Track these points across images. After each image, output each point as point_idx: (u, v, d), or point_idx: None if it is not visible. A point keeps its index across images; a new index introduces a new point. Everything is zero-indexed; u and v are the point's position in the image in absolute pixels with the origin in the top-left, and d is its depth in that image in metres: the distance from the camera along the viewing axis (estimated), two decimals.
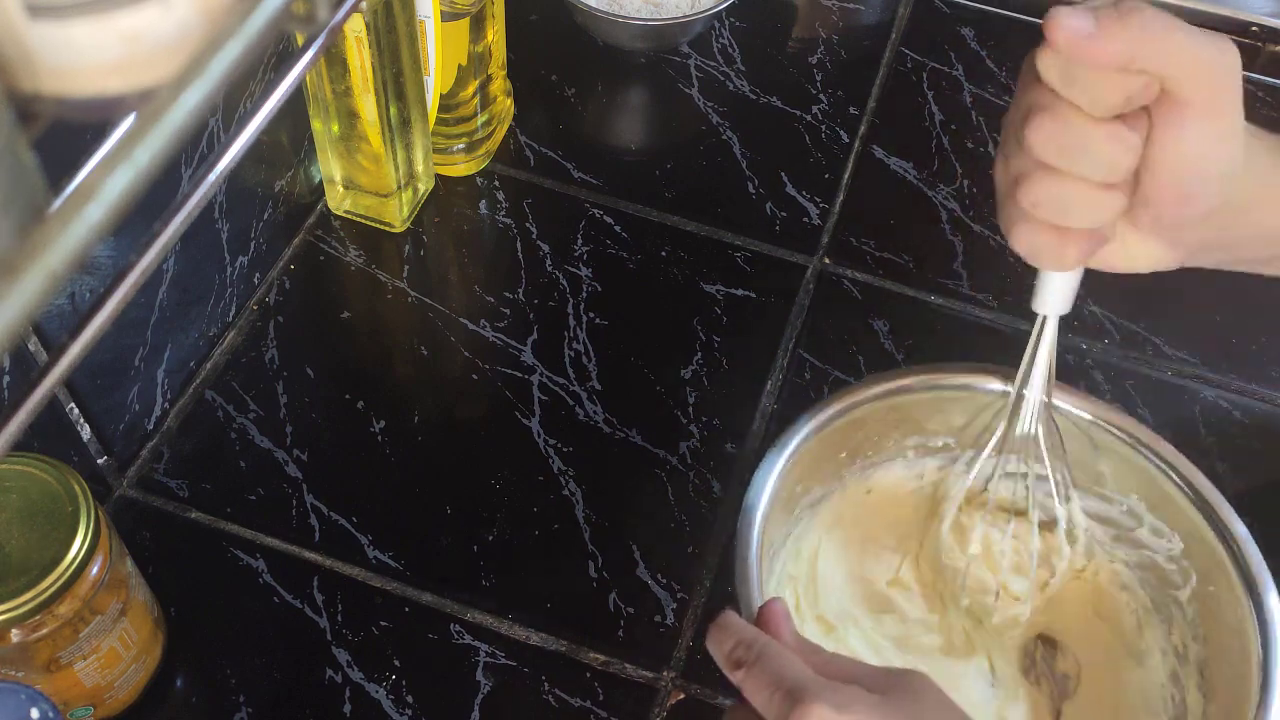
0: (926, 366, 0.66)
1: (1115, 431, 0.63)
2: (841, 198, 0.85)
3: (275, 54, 0.71)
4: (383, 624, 0.66)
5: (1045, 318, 0.54)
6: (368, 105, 0.74)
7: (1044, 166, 0.44)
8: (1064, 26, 0.42)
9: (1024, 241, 0.47)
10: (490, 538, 0.69)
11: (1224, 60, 0.43)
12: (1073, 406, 0.63)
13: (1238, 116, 0.44)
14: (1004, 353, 0.78)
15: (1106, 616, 0.65)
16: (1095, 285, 0.53)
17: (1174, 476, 0.61)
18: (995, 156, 0.48)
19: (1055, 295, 0.51)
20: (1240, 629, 0.58)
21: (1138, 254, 0.48)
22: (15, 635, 0.53)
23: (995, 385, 0.63)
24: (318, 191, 0.82)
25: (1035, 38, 0.44)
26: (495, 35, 0.80)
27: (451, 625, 0.66)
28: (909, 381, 0.64)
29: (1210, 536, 0.60)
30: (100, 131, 0.25)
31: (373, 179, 0.79)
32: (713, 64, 0.92)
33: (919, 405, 0.65)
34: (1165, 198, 0.44)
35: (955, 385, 0.64)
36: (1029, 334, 0.58)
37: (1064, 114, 0.43)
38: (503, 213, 0.84)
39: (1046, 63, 0.43)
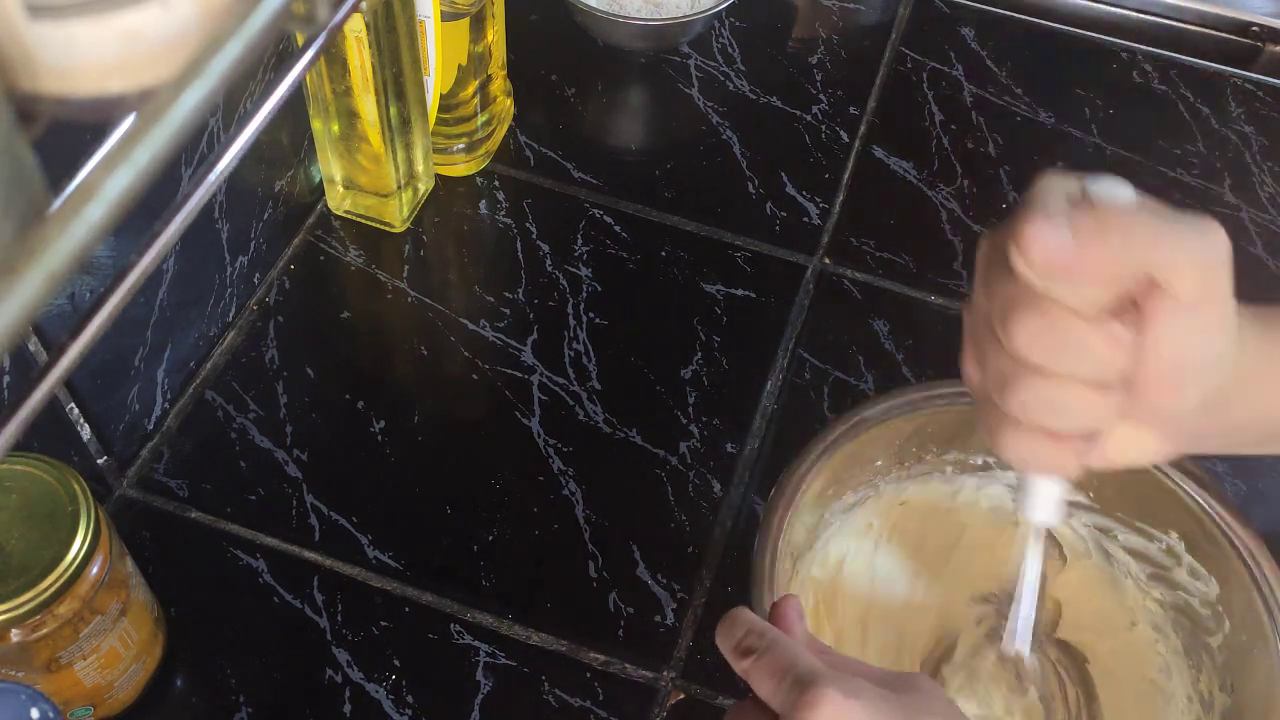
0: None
1: (1160, 467, 0.62)
2: (841, 198, 0.85)
3: (275, 54, 0.71)
4: (383, 624, 0.66)
5: (1035, 527, 0.50)
6: (368, 105, 0.74)
7: (1031, 367, 0.41)
8: (1040, 247, 0.38)
9: (1015, 448, 0.43)
10: (490, 538, 0.69)
11: (1212, 248, 0.40)
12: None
13: (1229, 302, 0.41)
14: None
15: (1135, 657, 0.64)
16: None
17: (1218, 520, 0.60)
18: (963, 351, 0.45)
19: (1049, 501, 0.47)
20: (1270, 684, 0.57)
21: (1131, 447, 0.45)
22: (15, 635, 0.53)
23: None
24: (318, 191, 0.82)
25: (1034, 38, 0.43)
26: (495, 35, 0.80)
27: (451, 625, 0.66)
28: (946, 392, 0.63)
29: (1248, 585, 0.59)
30: (100, 131, 0.25)
31: (373, 179, 0.79)
32: (713, 64, 0.92)
33: (960, 418, 0.64)
34: (1159, 391, 0.41)
35: None
36: None
37: (1051, 312, 0.40)
38: (503, 213, 0.84)
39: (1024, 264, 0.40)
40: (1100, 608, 0.64)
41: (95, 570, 0.54)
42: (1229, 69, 0.93)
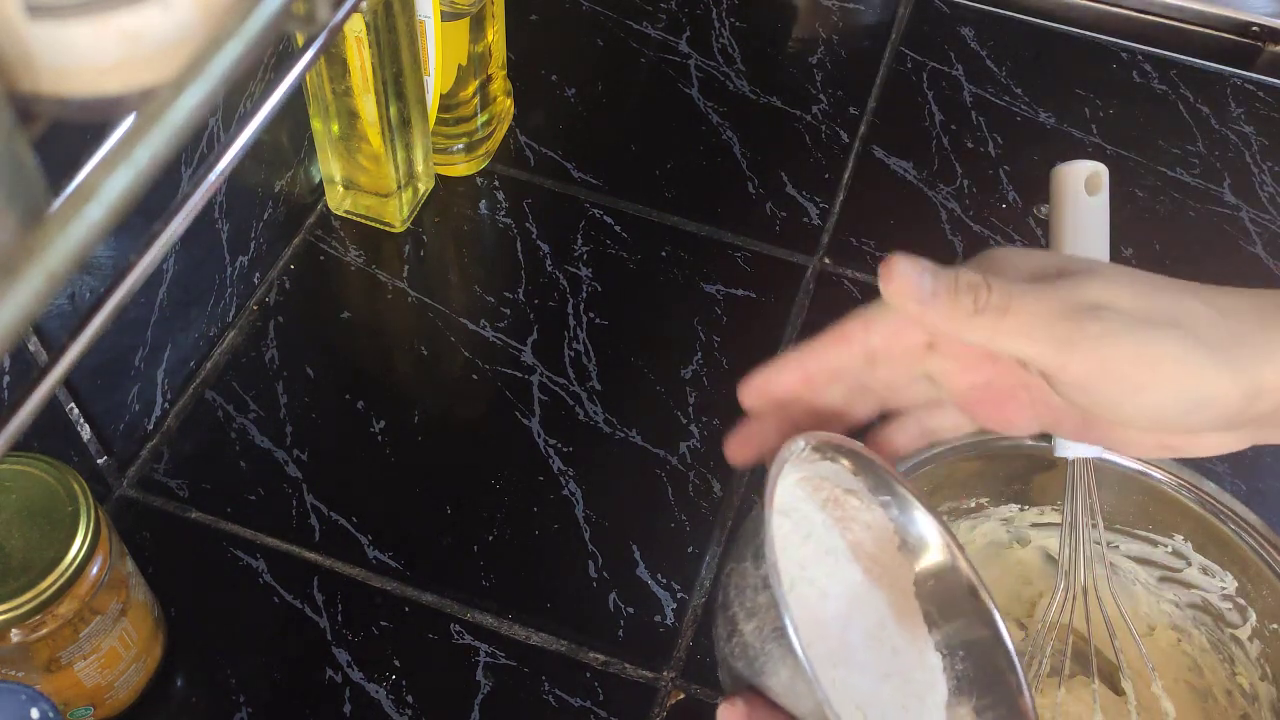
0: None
1: (1158, 474, 0.61)
2: (841, 198, 0.85)
3: (275, 54, 0.71)
4: (383, 624, 0.66)
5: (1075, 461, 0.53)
6: (368, 105, 0.74)
7: None
8: (899, 280, 0.39)
9: None
10: (490, 538, 0.69)
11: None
12: (1114, 454, 0.61)
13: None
14: None
15: (1161, 661, 0.63)
16: None
17: (1225, 516, 0.59)
18: None
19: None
20: None
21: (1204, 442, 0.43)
22: (15, 635, 0.53)
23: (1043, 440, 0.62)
24: (318, 191, 0.82)
25: (1034, 38, 0.43)
26: (495, 35, 0.80)
27: (451, 625, 0.66)
28: (953, 445, 0.62)
29: (1270, 575, 0.58)
30: (100, 131, 0.25)
31: (373, 179, 0.79)
32: (713, 64, 0.92)
33: (953, 469, 0.63)
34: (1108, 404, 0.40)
35: (997, 444, 0.63)
36: None
37: None
38: (503, 213, 0.84)
39: None
40: (1114, 618, 0.64)
41: (95, 570, 0.54)
42: (1229, 69, 0.93)
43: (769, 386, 0.44)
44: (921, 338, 0.43)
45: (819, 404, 0.46)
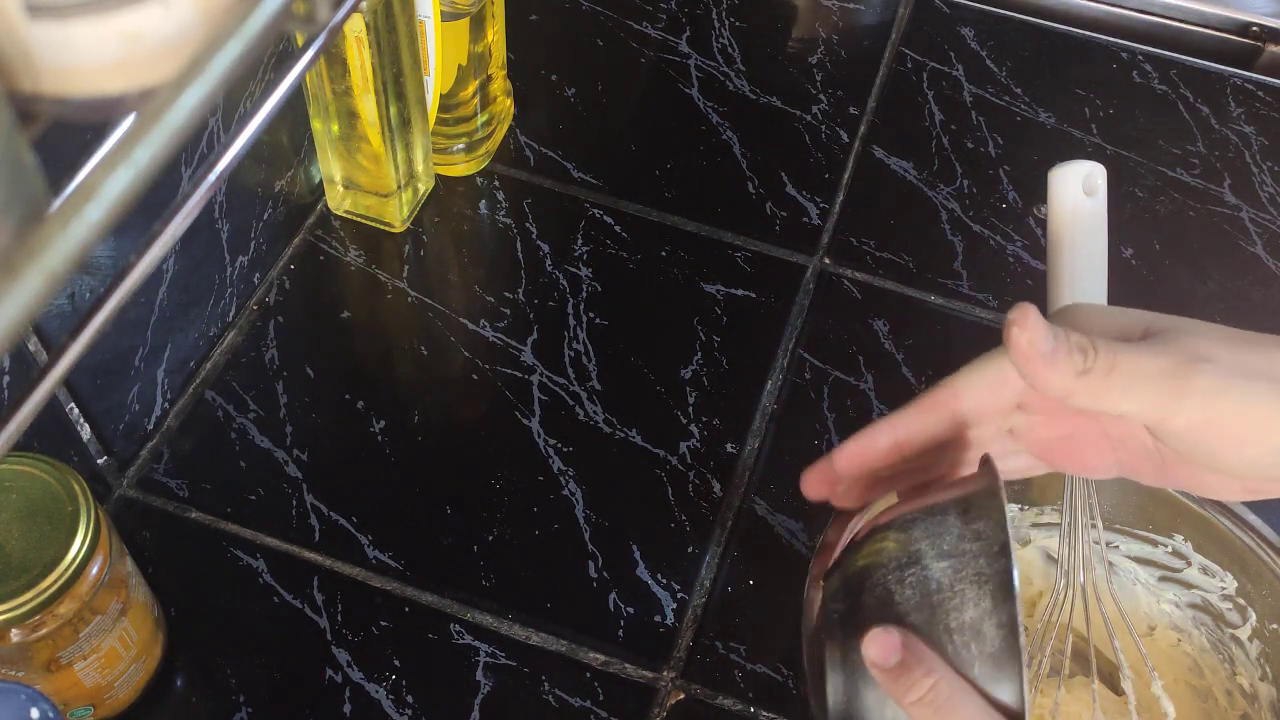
0: None
1: None
2: (841, 198, 0.85)
3: (275, 54, 0.71)
4: (383, 624, 0.66)
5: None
6: (368, 105, 0.74)
7: None
8: (1028, 337, 0.39)
9: None
10: (490, 538, 0.69)
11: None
12: None
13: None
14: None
15: (1160, 661, 0.63)
16: None
17: (1224, 517, 0.59)
18: None
19: None
20: None
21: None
22: (15, 635, 0.53)
23: None
24: (318, 191, 0.82)
25: (1034, 38, 0.43)
26: (495, 35, 0.80)
27: (451, 625, 0.66)
28: None
29: (1270, 575, 0.58)
30: (100, 131, 0.25)
31: (373, 179, 0.79)
32: (713, 64, 0.92)
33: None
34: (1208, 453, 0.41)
35: None
36: None
37: None
38: (503, 213, 0.84)
39: None
40: (1114, 618, 0.64)
41: (95, 570, 0.54)
42: (1229, 69, 0.93)
43: (864, 455, 0.46)
44: (1011, 399, 0.44)
45: (905, 464, 0.47)
